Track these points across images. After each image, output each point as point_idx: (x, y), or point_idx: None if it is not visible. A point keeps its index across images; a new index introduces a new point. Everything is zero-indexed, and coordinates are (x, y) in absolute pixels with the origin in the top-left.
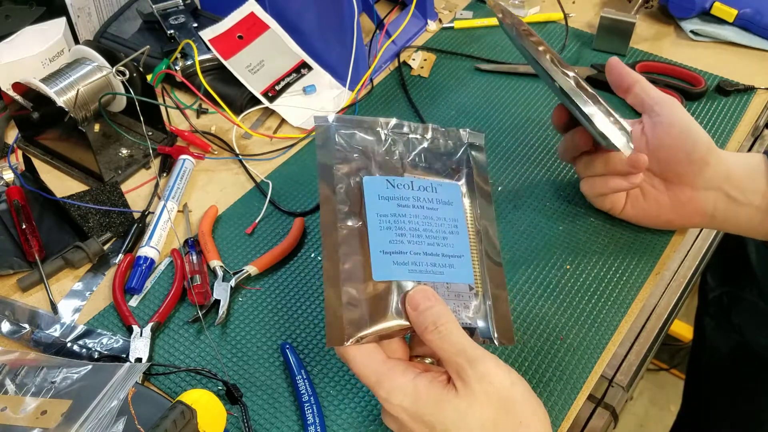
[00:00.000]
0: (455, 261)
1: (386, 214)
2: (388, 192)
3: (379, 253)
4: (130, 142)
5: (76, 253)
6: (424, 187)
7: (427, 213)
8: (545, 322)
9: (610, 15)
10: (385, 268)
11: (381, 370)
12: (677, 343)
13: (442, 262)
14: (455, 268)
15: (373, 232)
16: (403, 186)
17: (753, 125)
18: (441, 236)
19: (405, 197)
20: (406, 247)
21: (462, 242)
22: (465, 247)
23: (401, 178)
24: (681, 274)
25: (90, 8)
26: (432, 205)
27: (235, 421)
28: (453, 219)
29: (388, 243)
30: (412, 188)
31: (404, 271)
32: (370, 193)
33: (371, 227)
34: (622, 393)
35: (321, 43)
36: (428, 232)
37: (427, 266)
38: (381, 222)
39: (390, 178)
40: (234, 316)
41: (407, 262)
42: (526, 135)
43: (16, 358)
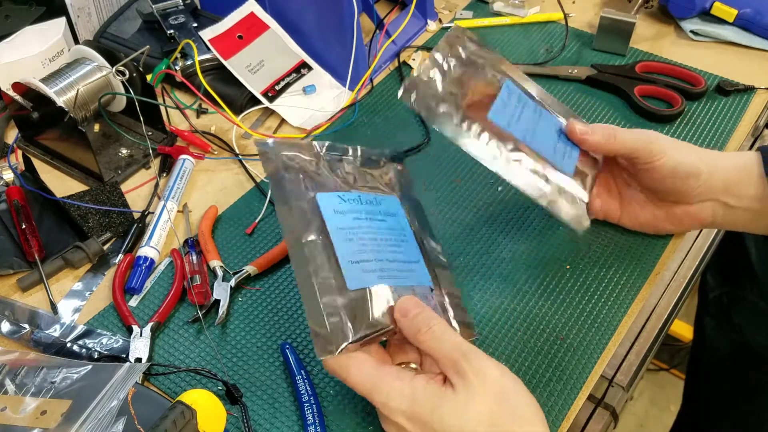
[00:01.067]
0: (413, 266)
1: (344, 227)
2: (342, 206)
3: (348, 263)
4: (130, 142)
5: (76, 253)
6: (370, 201)
7: (378, 224)
8: (545, 322)
9: (610, 15)
10: (357, 277)
11: (376, 376)
12: (677, 343)
13: (403, 267)
14: (415, 272)
15: (338, 245)
16: (353, 200)
17: (753, 125)
18: (396, 244)
19: (358, 210)
20: (370, 255)
21: (413, 248)
22: (417, 253)
23: (350, 193)
24: (681, 274)
25: (90, 8)
26: (381, 216)
27: (235, 421)
28: (401, 228)
29: (354, 253)
30: (361, 202)
31: (374, 278)
32: (326, 209)
33: (335, 240)
34: (622, 393)
35: (321, 43)
36: (385, 241)
37: (393, 272)
38: (343, 234)
39: (340, 193)
40: (234, 316)
41: (375, 269)
42: None
43: (16, 358)
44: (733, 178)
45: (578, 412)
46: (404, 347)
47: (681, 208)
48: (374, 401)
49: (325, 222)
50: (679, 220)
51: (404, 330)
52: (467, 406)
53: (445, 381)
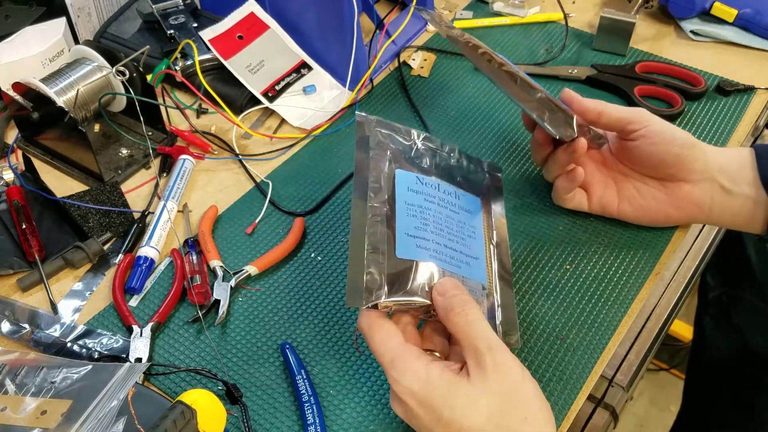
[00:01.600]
0: (471, 261)
1: (413, 204)
2: (417, 187)
3: (404, 234)
4: (130, 142)
5: (76, 253)
6: (448, 192)
7: (449, 213)
8: (545, 322)
9: (610, 15)
10: (408, 248)
11: (397, 351)
12: (677, 343)
13: (459, 258)
14: (471, 267)
15: (400, 216)
16: (430, 185)
17: (753, 125)
18: (460, 236)
19: (431, 195)
20: (429, 236)
21: (479, 246)
22: (481, 252)
23: (430, 178)
24: (681, 274)
25: (90, 8)
26: (454, 208)
27: (235, 421)
28: (472, 226)
29: (413, 228)
30: (439, 189)
31: (426, 255)
32: (401, 184)
33: (399, 212)
34: (622, 393)
35: (321, 43)
36: (449, 229)
37: (446, 257)
38: (408, 209)
39: (420, 176)
40: (234, 316)
41: (429, 248)
42: (526, 135)
43: (16, 358)
44: (729, 163)
45: (578, 412)
46: (435, 336)
47: (681, 188)
48: (389, 375)
49: (395, 194)
50: (679, 201)
51: (438, 308)
52: (478, 400)
53: (462, 369)
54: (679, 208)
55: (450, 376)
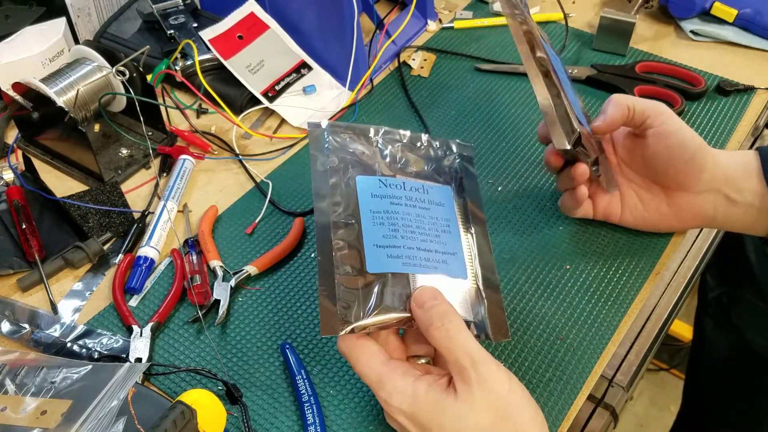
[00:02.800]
0: (448, 257)
1: (379, 210)
2: (381, 191)
3: (372, 246)
4: (130, 142)
5: (76, 253)
6: (416, 188)
7: (419, 212)
8: (545, 322)
9: (610, 15)
10: (378, 261)
11: (382, 371)
12: (677, 343)
13: (435, 258)
14: (448, 264)
15: (366, 227)
16: (395, 186)
17: (753, 125)
18: (434, 234)
19: (397, 196)
20: (399, 242)
21: (455, 241)
22: (458, 246)
23: (393, 178)
24: (681, 274)
25: (90, 8)
26: (424, 205)
27: (235, 421)
28: (445, 219)
29: (382, 237)
30: (404, 188)
31: (398, 264)
32: (363, 191)
33: (364, 222)
34: (622, 393)
35: (321, 43)
36: (421, 229)
37: (420, 260)
38: (374, 218)
39: (382, 178)
40: (234, 316)
41: (401, 255)
42: (526, 135)
43: (16, 358)
44: (734, 171)
45: (578, 412)
46: (420, 339)
47: (684, 200)
48: (377, 396)
49: (359, 204)
50: (682, 213)
51: (418, 321)
52: (466, 417)
53: (449, 384)
54: (681, 220)
55: (437, 394)
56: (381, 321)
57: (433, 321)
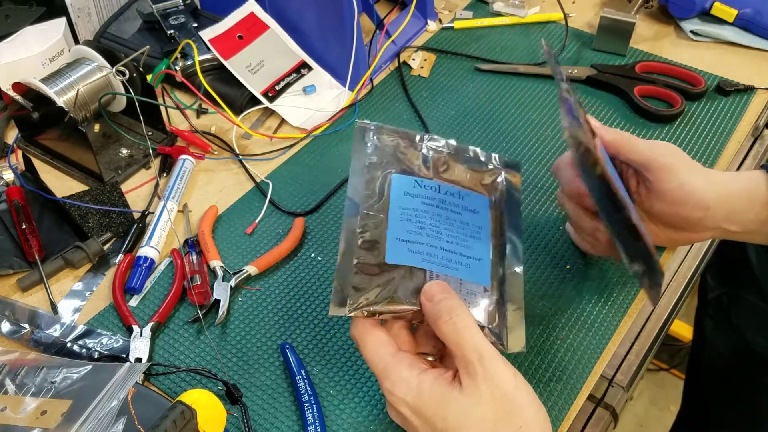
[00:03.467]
0: (473, 262)
1: (408, 208)
2: (415, 190)
3: (395, 239)
4: (130, 142)
5: (76, 253)
6: (451, 193)
7: (450, 215)
8: (545, 322)
9: (610, 15)
10: (399, 253)
11: (389, 361)
12: (677, 343)
13: (458, 260)
14: (471, 268)
15: (392, 221)
16: (429, 187)
17: (753, 125)
18: (462, 238)
19: (430, 197)
20: (423, 239)
21: (483, 248)
22: (485, 253)
23: (429, 180)
24: (681, 274)
25: (90, 8)
26: (457, 209)
27: (235, 421)
28: (477, 226)
29: (406, 232)
30: (439, 191)
31: (417, 259)
32: (397, 189)
33: (391, 216)
34: (622, 393)
35: (321, 43)
36: (449, 231)
37: (442, 260)
38: (402, 214)
39: (418, 179)
40: (234, 316)
41: (422, 252)
42: (526, 135)
43: (16, 358)
44: (737, 207)
45: (578, 412)
46: (429, 339)
47: (682, 235)
48: (381, 385)
49: (390, 199)
50: (678, 243)
51: (426, 315)
52: (471, 411)
53: (454, 378)
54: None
55: (442, 387)
56: (390, 310)
57: (441, 314)
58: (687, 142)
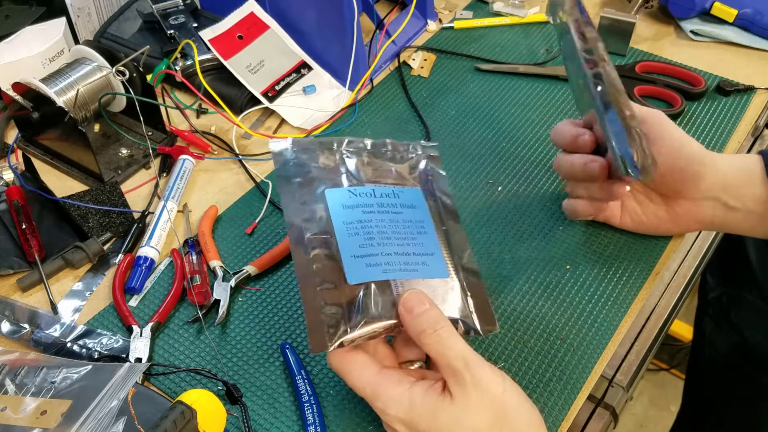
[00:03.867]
0: (427, 258)
1: (352, 221)
2: (351, 201)
3: (350, 257)
4: (130, 142)
5: (76, 253)
6: (386, 194)
7: (392, 217)
8: (545, 322)
9: (610, 15)
10: (358, 271)
11: (376, 381)
12: (677, 343)
13: (414, 261)
14: (428, 265)
15: (341, 239)
16: (365, 194)
17: (753, 125)
18: (410, 237)
19: (368, 204)
20: (376, 250)
21: (432, 241)
22: (435, 245)
23: (362, 187)
24: (681, 274)
25: (90, 8)
26: (396, 209)
27: (235, 421)
28: (419, 220)
29: (358, 247)
30: (375, 195)
31: (378, 272)
32: (334, 204)
33: (339, 235)
34: (622, 393)
35: (321, 43)
36: (396, 234)
37: (400, 265)
38: (348, 229)
39: (351, 188)
40: (234, 316)
41: (380, 263)
42: (526, 135)
43: (16, 358)
44: (734, 178)
45: (578, 412)
46: (410, 344)
47: (682, 207)
48: (374, 407)
49: (330, 217)
50: (679, 219)
51: (408, 328)
52: (463, 419)
53: (444, 389)
54: (679, 224)
55: (432, 398)
56: (369, 331)
57: (424, 327)
58: None
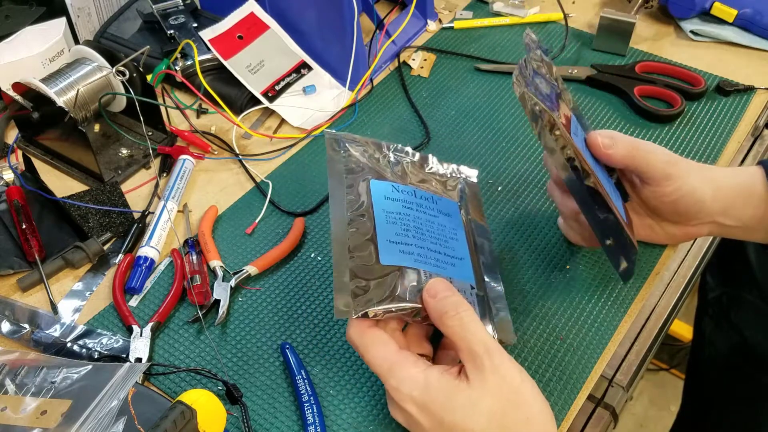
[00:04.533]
0: (457, 262)
1: (392, 211)
2: (393, 195)
3: (386, 241)
4: (130, 142)
5: (76, 253)
6: (425, 197)
7: (428, 218)
8: (545, 322)
9: (610, 15)
10: (392, 255)
11: (394, 359)
12: (677, 343)
13: (444, 260)
14: (457, 267)
15: (380, 224)
16: (406, 192)
17: (753, 125)
18: (442, 239)
19: (409, 201)
20: (411, 240)
21: (462, 248)
22: (465, 252)
23: (405, 185)
24: (681, 274)
25: (90, 8)
26: (433, 212)
27: (235, 421)
28: (453, 228)
29: (395, 234)
30: (415, 195)
31: (410, 260)
32: (377, 193)
33: (378, 220)
34: (622, 393)
35: (321, 43)
36: (431, 233)
37: (431, 260)
38: (387, 217)
39: (395, 184)
40: (234, 316)
41: (413, 252)
42: (526, 135)
43: (16, 358)
44: (733, 201)
45: (578, 412)
46: (421, 339)
47: (681, 230)
48: (387, 384)
49: (372, 203)
50: (674, 238)
51: (430, 311)
52: (479, 403)
53: (460, 373)
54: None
55: (449, 380)
56: (394, 308)
57: (447, 309)
58: (687, 142)
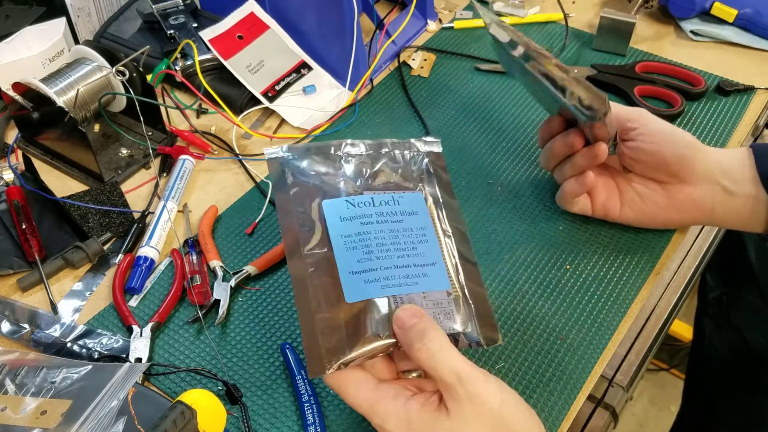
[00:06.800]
0: (428, 269)
1: (350, 234)
2: (349, 212)
3: (348, 274)
4: (130, 142)
5: (76, 253)
6: (385, 202)
7: (392, 226)
8: (545, 322)
9: (610, 15)
10: (356, 289)
11: (372, 398)
12: (677, 343)
13: (415, 273)
14: (429, 277)
15: (339, 255)
16: (363, 204)
17: (753, 125)
18: (410, 247)
19: (367, 215)
20: (375, 264)
21: (433, 249)
22: (437, 254)
23: (361, 196)
24: (681, 274)
25: (90, 8)
26: (396, 217)
27: (235, 421)
28: (420, 228)
29: (356, 263)
30: (374, 204)
31: (377, 288)
32: (331, 216)
33: (336, 250)
34: (622, 393)
35: (321, 43)
36: (396, 245)
37: (400, 279)
38: (346, 243)
39: (349, 198)
40: (234, 316)
41: (378, 278)
42: (526, 135)
43: (16, 358)
44: (730, 163)
45: (578, 412)
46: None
47: (682, 192)
48: (372, 423)
49: (328, 230)
50: (680, 204)
51: (402, 344)
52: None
53: (441, 401)
54: (680, 211)
55: (429, 413)
56: (367, 351)
57: (413, 342)
58: None
